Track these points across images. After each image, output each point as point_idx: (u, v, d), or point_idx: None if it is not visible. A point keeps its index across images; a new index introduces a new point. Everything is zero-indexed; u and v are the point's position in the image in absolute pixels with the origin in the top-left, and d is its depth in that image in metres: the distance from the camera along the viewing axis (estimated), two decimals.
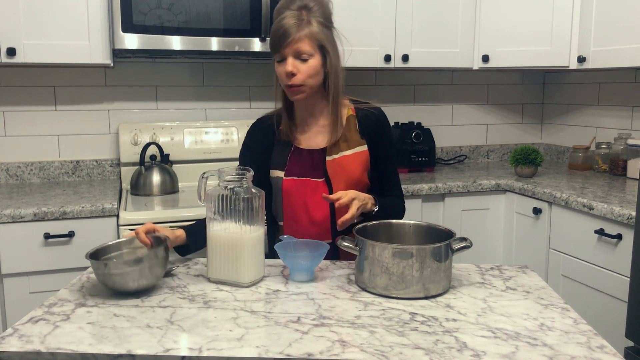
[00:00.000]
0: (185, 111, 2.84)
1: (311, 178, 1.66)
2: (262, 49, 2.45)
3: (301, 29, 1.54)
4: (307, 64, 1.57)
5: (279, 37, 1.55)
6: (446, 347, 1.03)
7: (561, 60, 2.68)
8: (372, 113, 1.72)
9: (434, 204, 2.61)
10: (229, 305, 1.23)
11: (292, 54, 1.56)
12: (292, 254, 1.39)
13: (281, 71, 1.59)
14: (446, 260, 1.28)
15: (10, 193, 2.39)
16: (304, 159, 1.66)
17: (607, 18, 2.47)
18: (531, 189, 2.49)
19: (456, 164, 3.23)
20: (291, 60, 1.56)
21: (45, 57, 2.30)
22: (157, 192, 2.46)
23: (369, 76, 3.11)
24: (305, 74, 1.57)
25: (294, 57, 1.56)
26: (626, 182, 2.56)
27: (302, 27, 1.54)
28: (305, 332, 1.09)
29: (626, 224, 2.01)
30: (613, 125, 2.93)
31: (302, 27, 1.54)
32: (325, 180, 1.66)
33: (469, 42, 2.87)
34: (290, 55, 1.56)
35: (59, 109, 2.68)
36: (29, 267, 2.10)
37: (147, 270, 1.27)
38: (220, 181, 1.34)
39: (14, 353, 1.02)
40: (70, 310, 1.20)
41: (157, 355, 1.00)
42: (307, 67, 1.57)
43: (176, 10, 2.33)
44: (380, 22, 2.72)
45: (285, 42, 1.54)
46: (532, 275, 1.43)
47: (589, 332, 1.11)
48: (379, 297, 1.27)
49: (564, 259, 2.33)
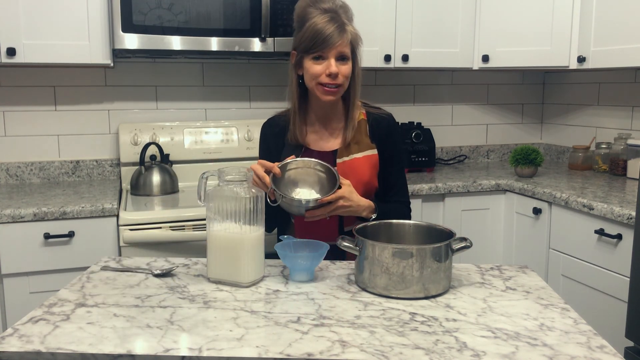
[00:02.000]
0: (185, 111, 2.84)
1: None
2: (262, 49, 2.46)
3: (344, 32, 1.61)
4: (345, 66, 1.63)
5: (323, 39, 1.59)
6: (446, 347, 1.03)
7: (561, 60, 2.68)
8: (383, 118, 1.76)
9: (434, 204, 2.61)
10: (229, 305, 1.23)
11: (335, 55, 1.61)
12: (292, 254, 1.39)
13: (319, 70, 1.62)
14: (446, 260, 1.28)
15: (10, 193, 2.39)
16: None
17: (607, 18, 2.47)
18: (531, 189, 2.49)
19: (456, 164, 3.23)
20: (334, 61, 1.61)
21: (45, 57, 2.30)
22: (157, 192, 2.46)
23: (369, 76, 3.10)
24: (344, 75, 1.63)
25: (336, 59, 1.61)
26: (626, 182, 2.56)
27: (345, 30, 1.61)
28: (305, 332, 1.09)
29: (626, 224, 2.01)
30: (613, 125, 2.93)
31: (345, 30, 1.61)
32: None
33: (469, 42, 2.87)
34: (334, 56, 1.61)
35: (59, 109, 2.68)
36: (29, 267, 2.10)
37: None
38: (220, 181, 1.34)
39: (14, 353, 1.02)
40: (70, 310, 1.20)
41: (157, 355, 1.00)
42: (346, 69, 1.63)
43: (176, 10, 2.33)
44: (380, 22, 2.72)
45: (332, 44, 1.59)
46: (532, 275, 1.43)
47: (589, 332, 1.11)
48: (379, 297, 1.27)
49: (564, 259, 2.33)
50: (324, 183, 1.59)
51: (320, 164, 1.60)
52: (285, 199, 1.50)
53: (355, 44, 1.66)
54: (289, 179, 1.60)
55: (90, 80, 2.70)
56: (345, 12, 1.65)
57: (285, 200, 1.51)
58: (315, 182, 1.61)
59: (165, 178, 2.50)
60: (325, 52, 1.60)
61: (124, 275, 1.42)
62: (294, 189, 1.59)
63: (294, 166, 1.60)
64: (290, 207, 1.53)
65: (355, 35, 1.65)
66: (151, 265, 1.50)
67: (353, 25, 1.66)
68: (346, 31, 1.61)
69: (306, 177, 1.61)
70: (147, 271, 1.44)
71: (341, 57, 1.62)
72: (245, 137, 2.78)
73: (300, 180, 1.61)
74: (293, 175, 1.61)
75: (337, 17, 1.61)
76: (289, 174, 1.60)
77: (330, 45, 1.59)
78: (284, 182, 1.58)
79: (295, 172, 1.60)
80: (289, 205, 1.53)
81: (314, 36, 1.60)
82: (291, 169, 1.60)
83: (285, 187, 1.58)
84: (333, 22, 1.59)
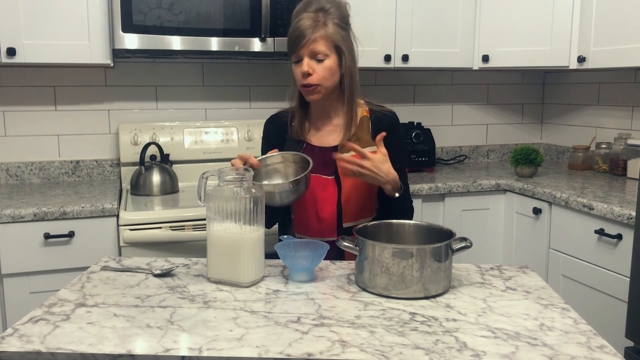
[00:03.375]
0: (185, 111, 2.84)
1: (321, 175, 1.70)
2: (262, 49, 2.46)
3: (317, 30, 1.59)
4: (322, 65, 1.62)
5: (294, 38, 1.60)
6: (446, 347, 1.03)
7: (561, 60, 2.68)
8: (386, 116, 1.76)
9: (434, 204, 2.61)
10: (229, 305, 1.23)
11: (307, 55, 1.60)
12: (292, 254, 1.39)
13: (297, 72, 1.64)
14: (446, 260, 1.28)
15: (10, 193, 2.39)
16: (315, 156, 1.69)
17: (607, 18, 2.47)
18: (531, 189, 2.49)
19: (456, 164, 3.23)
20: (307, 60, 1.61)
21: (45, 57, 2.30)
22: (157, 192, 2.46)
23: (369, 76, 3.10)
24: (320, 74, 1.61)
25: (310, 58, 1.61)
26: (626, 182, 2.56)
27: (318, 29, 1.59)
28: (305, 332, 1.09)
29: (626, 224, 2.01)
30: (613, 125, 2.93)
31: (318, 29, 1.59)
32: (335, 178, 1.69)
33: (469, 42, 2.87)
34: (306, 55, 1.61)
35: (59, 109, 2.68)
36: (29, 267, 2.10)
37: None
38: (220, 181, 1.35)
39: (14, 353, 1.02)
40: (70, 310, 1.20)
41: (157, 355, 1.00)
42: (323, 67, 1.61)
43: (176, 10, 2.33)
44: (380, 22, 2.72)
45: (301, 43, 1.59)
46: (532, 275, 1.43)
47: (589, 332, 1.11)
48: (379, 297, 1.27)
49: (564, 259, 2.33)
50: (299, 173, 1.61)
51: (293, 154, 1.63)
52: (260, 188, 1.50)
53: (337, 42, 1.62)
54: (266, 173, 1.63)
55: (90, 80, 2.70)
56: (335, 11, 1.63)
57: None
58: (291, 173, 1.63)
59: (165, 178, 2.50)
60: (298, 52, 1.61)
61: (124, 275, 1.42)
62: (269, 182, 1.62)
63: (274, 160, 1.63)
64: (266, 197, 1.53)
65: (333, 34, 1.61)
66: (151, 265, 1.50)
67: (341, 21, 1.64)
68: (318, 28, 1.59)
69: (283, 169, 1.65)
70: (147, 271, 1.44)
71: (315, 56, 1.61)
72: (245, 137, 2.78)
73: (276, 173, 1.64)
74: (271, 169, 1.64)
75: (316, 16, 1.60)
76: (267, 169, 1.63)
77: (300, 45, 1.59)
78: (261, 176, 1.61)
79: (273, 167, 1.63)
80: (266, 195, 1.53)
81: (289, 37, 1.63)
82: (271, 164, 1.63)
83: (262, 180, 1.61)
84: (307, 21, 1.59)
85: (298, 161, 1.62)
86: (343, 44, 1.64)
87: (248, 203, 1.32)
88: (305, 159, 1.59)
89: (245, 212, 1.32)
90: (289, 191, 1.52)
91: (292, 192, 1.53)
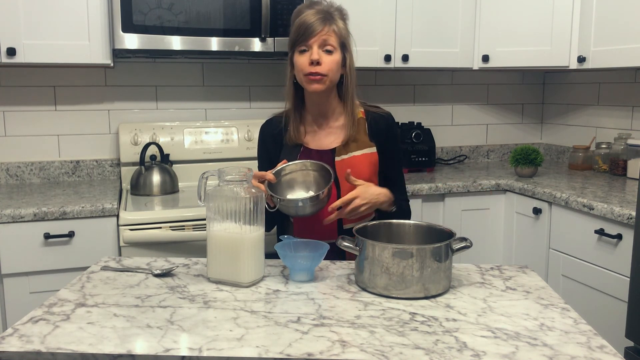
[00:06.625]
0: (185, 111, 2.84)
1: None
2: (262, 49, 2.46)
3: (329, 23, 1.63)
4: (331, 57, 1.63)
5: (305, 28, 1.61)
6: (446, 347, 1.03)
7: (561, 60, 2.68)
8: (382, 117, 1.76)
9: (434, 204, 2.61)
10: (229, 305, 1.23)
11: (318, 44, 1.62)
12: (292, 254, 1.39)
13: (303, 61, 1.63)
14: (446, 260, 1.28)
15: (10, 193, 2.39)
16: (313, 159, 1.69)
17: (607, 18, 2.47)
18: (531, 189, 2.49)
19: (456, 164, 3.23)
20: (316, 49, 1.62)
21: (45, 57, 2.30)
22: (157, 192, 2.46)
23: (369, 76, 3.10)
24: (328, 65, 1.63)
25: (319, 48, 1.62)
26: (626, 182, 2.56)
27: (330, 22, 1.63)
28: (305, 332, 1.09)
29: (626, 224, 2.01)
30: (613, 125, 2.93)
31: (330, 22, 1.63)
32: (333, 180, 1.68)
33: (469, 42, 2.87)
34: (316, 45, 1.62)
35: (59, 109, 2.68)
36: (29, 267, 2.10)
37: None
38: (220, 181, 1.35)
39: (14, 353, 1.02)
40: (70, 310, 1.20)
41: (157, 355, 1.00)
42: (331, 59, 1.63)
43: (176, 10, 2.33)
44: (380, 22, 2.72)
45: (314, 33, 1.61)
46: (532, 275, 1.43)
47: (589, 332, 1.11)
48: (379, 297, 1.27)
49: (564, 259, 2.33)
50: (320, 181, 1.61)
51: (313, 163, 1.62)
52: (282, 202, 1.51)
53: (344, 39, 1.67)
54: (285, 183, 1.62)
55: (90, 80, 2.70)
56: (339, 12, 1.68)
57: (282, 204, 1.52)
58: (311, 182, 1.63)
59: (165, 178, 2.50)
60: (309, 42, 1.62)
61: (124, 275, 1.42)
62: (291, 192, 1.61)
63: (288, 170, 1.62)
64: (289, 209, 1.54)
65: (342, 30, 1.66)
66: (151, 265, 1.50)
67: (345, 23, 1.69)
68: (331, 22, 1.63)
69: (301, 178, 1.64)
70: (147, 271, 1.44)
71: (326, 47, 1.63)
72: (245, 137, 2.78)
73: (296, 182, 1.63)
74: (289, 179, 1.63)
75: (324, 12, 1.64)
76: (285, 179, 1.62)
77: (312, 34, 1.61)
78: (280, 187, 1.60)
79: (290, 176, 1.62)
80: (287, 208, 1.54)
81: (299, 28, 1.63)
82: (286, 174, 1.62)
83: (283, 191, 1.60)
84: (318, 14, 1.62)
85: (318, 169, 1.62)
86: (348, 44, 1.68)
87: (248, 203, 1.32)
88: (320, 164, 1.60)
89: (245, 212, 1.32)
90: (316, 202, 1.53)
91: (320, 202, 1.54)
